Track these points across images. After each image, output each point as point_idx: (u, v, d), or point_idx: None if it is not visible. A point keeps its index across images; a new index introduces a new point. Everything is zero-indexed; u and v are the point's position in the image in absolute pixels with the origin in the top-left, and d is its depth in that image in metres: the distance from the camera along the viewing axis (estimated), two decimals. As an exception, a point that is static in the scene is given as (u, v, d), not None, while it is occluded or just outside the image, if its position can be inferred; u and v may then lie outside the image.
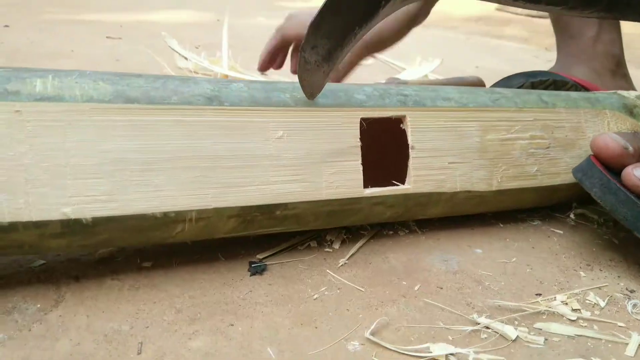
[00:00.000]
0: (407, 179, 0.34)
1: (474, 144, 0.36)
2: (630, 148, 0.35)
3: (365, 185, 0.32)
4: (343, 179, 0.31)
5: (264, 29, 1.37)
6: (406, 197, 0.34)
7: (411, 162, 0.33)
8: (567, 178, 0.38)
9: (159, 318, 0.27)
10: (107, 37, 1.02)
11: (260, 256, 0.33)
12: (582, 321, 0.30)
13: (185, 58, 0.75)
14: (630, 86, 0.58)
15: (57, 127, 0.25)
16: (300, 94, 0.30)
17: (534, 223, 0.42)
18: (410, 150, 0.33)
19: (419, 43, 1.37)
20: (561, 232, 0.41)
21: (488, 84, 0.90)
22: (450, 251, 0.36)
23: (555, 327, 0.29)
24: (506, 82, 0.46)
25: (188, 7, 1.67)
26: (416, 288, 0.32)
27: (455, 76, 0.67)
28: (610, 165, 0.35)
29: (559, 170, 0.39)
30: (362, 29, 0.29)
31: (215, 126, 0.28)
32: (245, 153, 0.28)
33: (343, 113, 0.31)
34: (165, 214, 0.27)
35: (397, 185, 0.33)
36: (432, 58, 0.90)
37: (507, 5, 0.31)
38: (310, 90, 0.30)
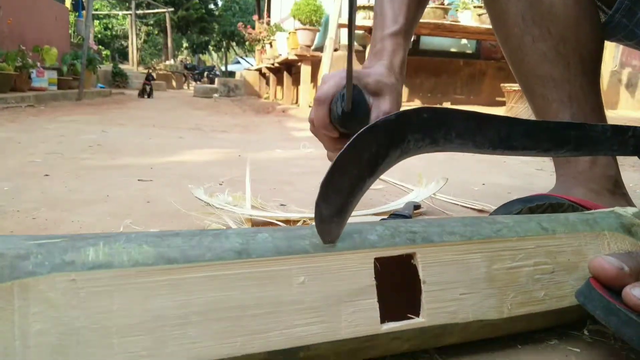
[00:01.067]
0: (421, 313, 0.36)
1: (481, 274, 0.38)
2: (626, 268, 0.37)
3: (382, 321, 0.35)
4: (361, 317, 0.34)
5: (281, 161, 1.47)
6: (422, 330, 0.36)
7: (424, 296, 0.36)
8: (574, 300, 0.40)
9: None
10: (138, 180, 1.11)
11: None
12: None
13: (209, 204, 0.82)
14: (629, 204, 0.62)
15: (107, 291, 0.28)
16: (318, 239, 0.34)
17: (551, 342, 0.43)
18: (422, 285, 0.36)
19: (427, 163, 1.45)
20: (578, 350, 0.42)
21: (495, 198, 0.94)
22: (470, 377, 0.37)
23: None
24: (505, 209, 0.50)
25: (211, 146, 1.81)
26: (439, 418, 0.33)
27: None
28: (609, 287, 0.37)
29: (565, 293, 0.41)
30: (366, 183, 0.34)
31: (244, 277, 0.31)
32: (270, 300, 0.32)
33: (358, 255, 0.35)
34: None
35: (413, 318, 0.36)
36: (438, 178, 0.95)
37: (486, 153, 0.37)
38: (328, 238, 0.34)
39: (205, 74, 14.80)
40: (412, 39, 0.62)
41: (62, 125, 2.31)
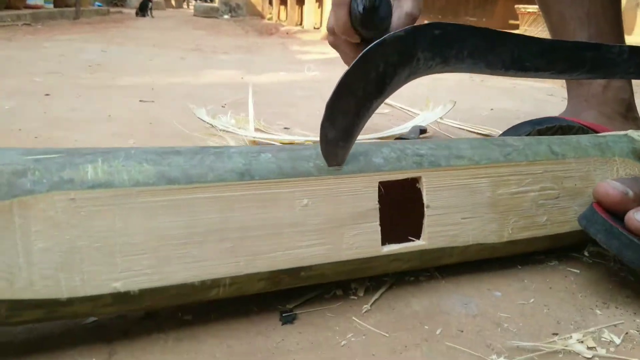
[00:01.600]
0: (422, 235, 0.36)
1: (485, 199, 0.38)
2: (631, 193, 0.37)
3: (384, 242, 0.35)
4: (362, 239, 0.34)
5: (285, 84, 1.44)
6: (421, 252, 0.36)
7: (426, 220, 0.36)
8: (576, 225, 0.40)
9: (202, 367, 0.30)
10: (140, 100, 1.09)
11: (290, 306, 0.36)
12: (597, 358, 0.31)
13: (212, 125, 0.80)
14: None
15: (108, 210, 0.28)
16: (323, 161, 0.34)
17: (551, 263, 0.44)
18: (425, 209, 0.36)
19: (435, 89, 1.42)
20: (578, 271, 0.42)
21: (504, 123, 0.93)
22: (470, 295, 0.38)
23: (571, 365, 0.30)
24: (514, 130, 0.49)
25: (213, 67, 1.76)
26: (438, 332, 0.34)
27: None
28: (613, 212, 0.37)
29: (568, 219, 0.41)
30: (373, 104, 0.33)
31: (246, 199, 0.31)
32: (273, 222, 0.31)
33: (362, 179, 0.34)
34: (203, 282, 0.30)
35: (413, 240, 0.36)
36: (445, 102, 0.93)
37: (498, 74, 0.35)
38: (333, 162, 0.33)
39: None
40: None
41: (60, 44, 2.25)
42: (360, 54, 0.32)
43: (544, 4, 0.64)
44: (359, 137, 0.34)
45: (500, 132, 0.56)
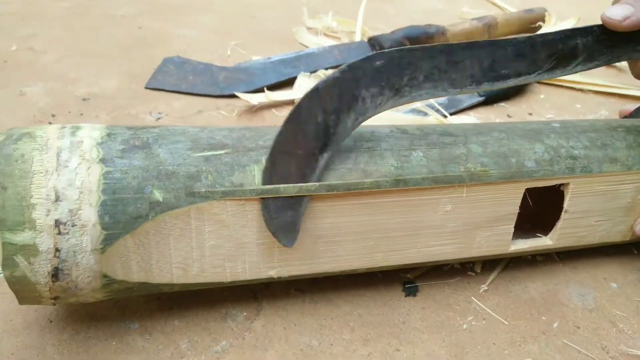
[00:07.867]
0: (551, 234, 0.36)
1: (624, 204, 0.37)
2: None
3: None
4: (493, 240, 0.34)
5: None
6: (546, 250, 0.37)
7: (560, 223, 0.35)
8: None
9: (339, 336, 0.33)
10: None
11: (411, 276, 0.38)
12: None
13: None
14: None
15: None
16: (473, 166, 0.32)
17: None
18: (563, 213, 0.35)
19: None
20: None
21: None
22: (586, 284, 0.39)
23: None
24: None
25: None
26: (555, 325, 0.35)
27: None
28: None
29: None
30: (320, 161, 0.29)
31: (396, 204, 0.31)
32: (415, 224, 0.32)
33: (510, 186, 0.33)
34: (342, 271, 0.33)
35: (540, 237, 0.36)
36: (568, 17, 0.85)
37: (471, 92, 0.32)
38: (286, 241, 0.29)
39: None
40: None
41: None
42: (291, 110, 0.28)
43: None
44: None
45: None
